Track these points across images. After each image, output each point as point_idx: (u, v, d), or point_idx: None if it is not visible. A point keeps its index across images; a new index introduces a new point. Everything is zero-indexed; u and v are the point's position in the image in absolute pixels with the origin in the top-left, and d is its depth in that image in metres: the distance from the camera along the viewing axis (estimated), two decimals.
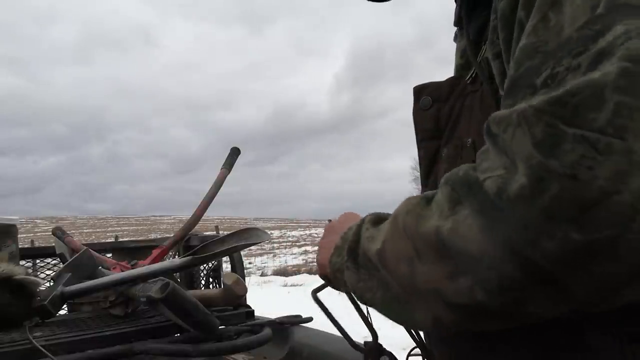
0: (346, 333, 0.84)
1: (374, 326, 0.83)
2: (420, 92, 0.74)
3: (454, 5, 0.75)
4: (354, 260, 0.60)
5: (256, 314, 1.42)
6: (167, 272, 1.33)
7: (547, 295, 0.42)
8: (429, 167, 0.75)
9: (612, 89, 0.38)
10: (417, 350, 0.81)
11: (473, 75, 0.69)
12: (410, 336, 0.80)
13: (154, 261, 1.48)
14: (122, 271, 1.39)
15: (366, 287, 0.57)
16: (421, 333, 0.79)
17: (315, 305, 0.86)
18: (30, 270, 1.72)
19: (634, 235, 0.38)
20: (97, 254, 1.48)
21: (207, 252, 1.37)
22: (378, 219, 0.60)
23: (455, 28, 0.77)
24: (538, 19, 0.47)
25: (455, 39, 0.79)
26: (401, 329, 0.80)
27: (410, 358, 0.84)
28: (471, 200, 0.45)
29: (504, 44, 0.54)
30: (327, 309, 0.84)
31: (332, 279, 0.68)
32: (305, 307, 1.42)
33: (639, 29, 0.39)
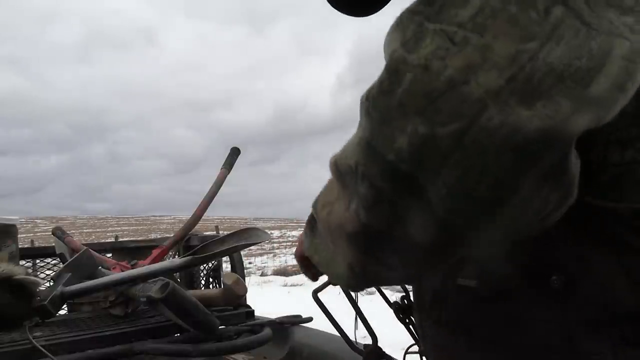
0: (346, 335, 0.84)
1: (375, 328, 0.83)
2: None
3: None
4: (311, 228, 0.60)
5: (256, 314, 1.42)
6: (167, 272, 1.34)
7: (415, 208, 0.40)
8: None
9: None
10: (415, 348, 0.81)
11: None
12: (410, 334, 0.80)
13: (154, 261, 1.48)
14: (122, 271, 1.39)
15: (317, 249, 0.57)
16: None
17: (316, 305, 0.86)
18: (30, 270, 1.72)
19: (481, 131, 0.36)
20: (97, 254, 1.48)
21: (207, 252, 1.37)
22: None
23: None
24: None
25: None
26: (401, 329, 0.80)
27: (407, 356, 0.84)
28: (360, 118, 0.44)
29: None
30: (327, 309, 0.84)
31: (303, 252, 0.66)
32: (305, 307, 1.42)
33: None
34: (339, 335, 0.86)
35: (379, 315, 1.12)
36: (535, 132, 0.36)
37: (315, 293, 0.82)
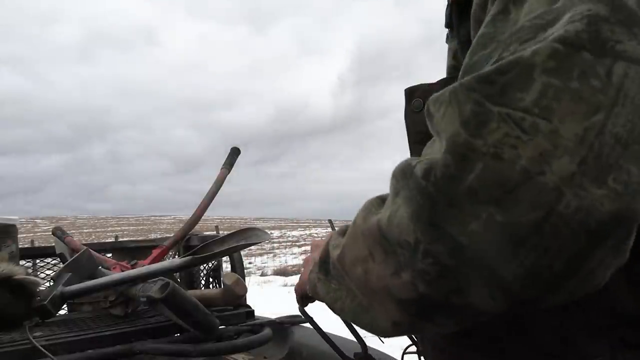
0: (336, 346, 0.83)
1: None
2: (412, 94, 0.74)
3: None
4: (325, 272, 0.60)
5: (256, 314, 1.42)
6: (167, 272, 1.33)
7: (483, 283, 0.41)
8: None
9: (540, 70, 0.38)
10: (412, 348, 0.81)
11: None
12: (407, 335, 0.80)
13: (154, 261, 1.48)
14: (122, 271, 1.39)
15: (336, 296, 0.57)
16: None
17: (316, 305, 0.86)
18: (30, 270, 1.72)
19: (562, 220, 0.37)
20: (97, 254, 1.48)
21: (207, 252, 1.37)
22: (346, 228, 0.60)
23: (447, 29, 0.77)
24: (498, 10, 0.46)
25: (447, 40, 0.78)
26: None
27: (405, 356, 0.84)
28: (404, 187, 0.44)
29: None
30: (316, 323, 0.84)
31: (312, 295, 0.67)
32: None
33: (582, 13, 0.39)
34: (338, 335, 0.86)
35: None
36: (607, 214, 0.37)
37: (302, 307, 0.82)
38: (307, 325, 1.48)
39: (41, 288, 1.33)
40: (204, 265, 1.74)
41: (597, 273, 0.41)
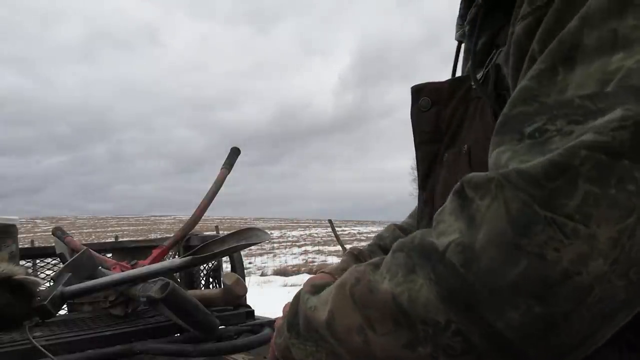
0: None
1: None
2: (419, 92, 0.73)
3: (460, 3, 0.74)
4: (296, 334, 0.59)
5: (256, 314, 1.42)
6: (167, 272, 1.33)
7: (505, 359, 0.45)
8: (428, 170, 0.73)
9: (584, 179, 0.41)
10: None
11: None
12: None
13: (154, 261, 1.48)
14: (122, 271, 1.39)
15: (315, 359, 0.57)
16: None
17: None
18: (30, 270, 1.72)
19: (587, 309, 0.42)
20: (97, 254, 1.48)
21: (207, 252, 1.37)
22: (316, 288, 0.61)
23: (458, 27, 0.76)
24: (546, 67, 0.46)
25: (457, 36, 0.77)
26: None
27: None
28: (427, 269, 0.46)
29: (513, 69, 0.54)
30: None
31: None
32: None
33: (634, 118, 0.40)
34: None
35: None
36: (621, 302, 0.43)
37: None
38: None
39: (41, 288, 1.33)
40: (204, 265, 1.74)
41: (599, 343, 0.45)
